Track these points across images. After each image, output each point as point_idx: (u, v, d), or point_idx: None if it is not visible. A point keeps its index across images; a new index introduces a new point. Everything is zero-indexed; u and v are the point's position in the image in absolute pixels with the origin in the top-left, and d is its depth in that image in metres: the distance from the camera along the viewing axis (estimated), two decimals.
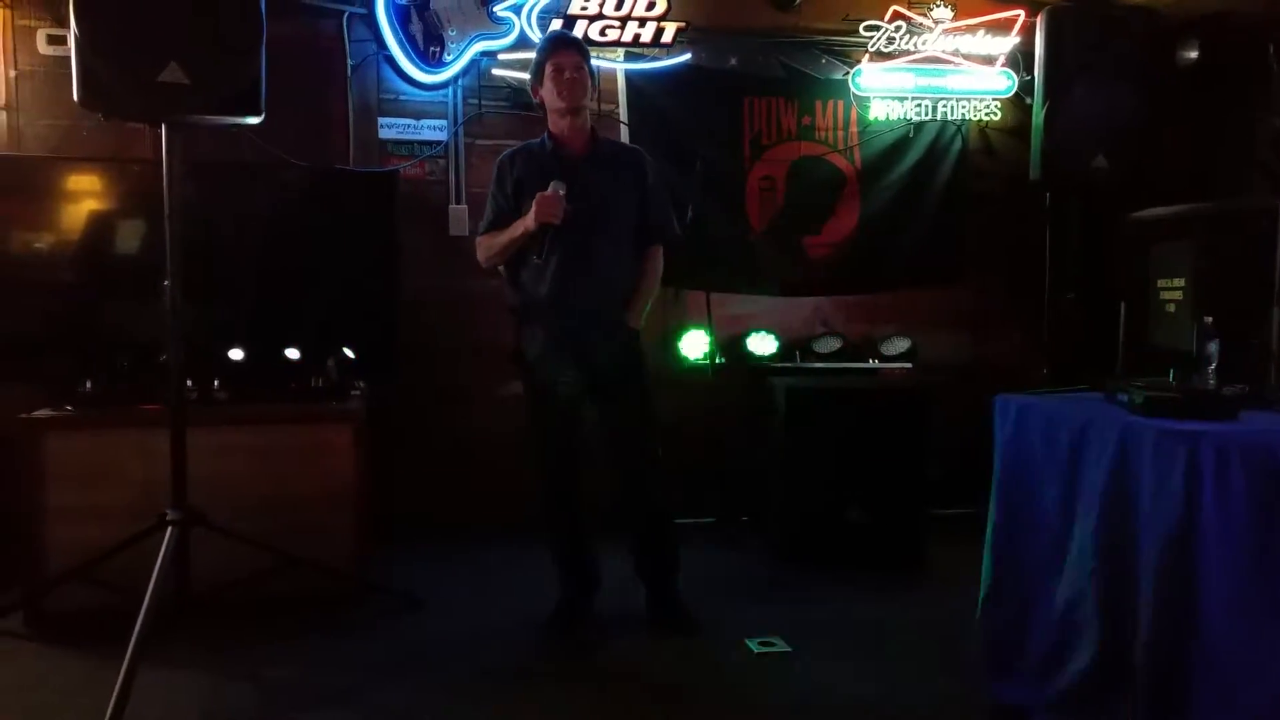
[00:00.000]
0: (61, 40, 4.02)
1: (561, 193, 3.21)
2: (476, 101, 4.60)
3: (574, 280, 3.33)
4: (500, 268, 3.51)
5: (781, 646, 3.33)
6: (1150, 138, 4.40)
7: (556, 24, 4.45)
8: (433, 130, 4.58)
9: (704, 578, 3.86)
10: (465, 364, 4.60)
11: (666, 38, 4.52)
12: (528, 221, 3.24)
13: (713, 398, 4.68)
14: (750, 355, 4.76)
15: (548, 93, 3.38)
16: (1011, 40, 4.78)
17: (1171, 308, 2.66)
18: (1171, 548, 2.17)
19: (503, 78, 4.56)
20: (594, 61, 4.43)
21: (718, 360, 4.74)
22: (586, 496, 3.53)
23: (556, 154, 3.40)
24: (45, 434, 3.50)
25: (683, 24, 4.54)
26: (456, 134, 4.59)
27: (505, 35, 4.48)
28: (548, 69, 3.36)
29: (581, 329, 3.37)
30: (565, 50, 3.39)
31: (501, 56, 4.52)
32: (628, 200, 3.45)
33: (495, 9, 4.45)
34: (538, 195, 3.22)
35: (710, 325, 4.70)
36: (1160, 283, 2.73)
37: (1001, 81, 4.82)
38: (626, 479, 3.52)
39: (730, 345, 4.78)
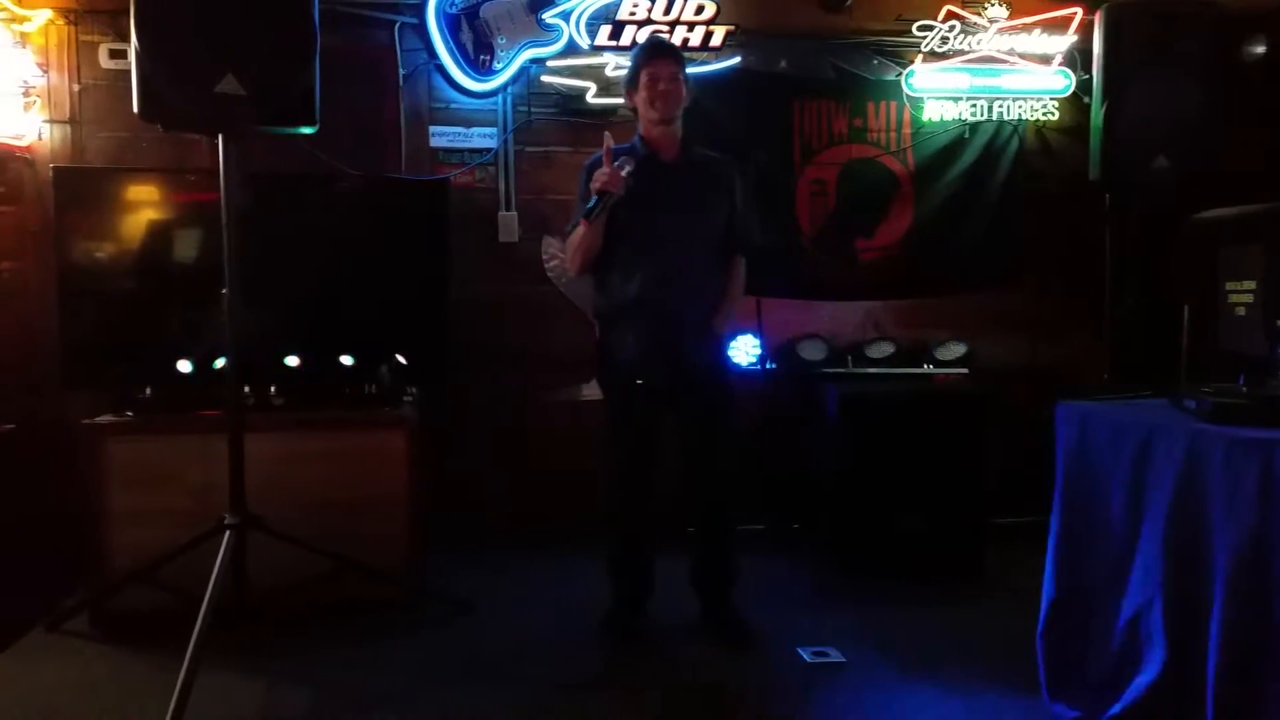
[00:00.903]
0: (122, 55, 4.08)
1: (626, 170, 3.21)
2: (526, 109, 4.61)
3: (662, 285, 3.32)
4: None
5: (835, 657, 3.30)
6: (1214, 136, 4.29)
7: (606, 30, 4.45)
8: (483, 138, 4.60)
9: (755, 585, 3.82)
10: (516, 370, 4.62)
11: (715, 41, 4.50)
12: (593, 186, 3.24)
13: (763, 404, 4.64)
14: (801, 361, 4.72)
15: (641, 101, 3.36)
16: (1068, 39, 4.70)
17: (1240, 311, 2.58)
18: (1245, 560, 2.11)
19: (552, 84, 4.57)
20: None
21: (768, 366, 4.71)
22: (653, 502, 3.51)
23: (649, 162, 3.37)
24: (107, 439, 3.56)
25: (732, 27, 4.52)
26: (506, 141, 4.61)
27: (554, 42, 4.49)
28: (642, 77, 3.33)
29: (669, 333, 3.36)
30: (661, 59, 3.35)
31: (550, 63, 4.53)
32: (717, 208, 3.43)
33: (544, 16, 4.45)
34: (600, 170, 3.23)
35: (760, 330, 4.67)
36: (1228, 285, 2.65)
37: (1059, 81, 4.74)
38: (697, 486, 3.50)
39: (781, 351, 4.74)
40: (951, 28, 4.66)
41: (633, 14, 4.46)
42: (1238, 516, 2.12)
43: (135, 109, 3.02)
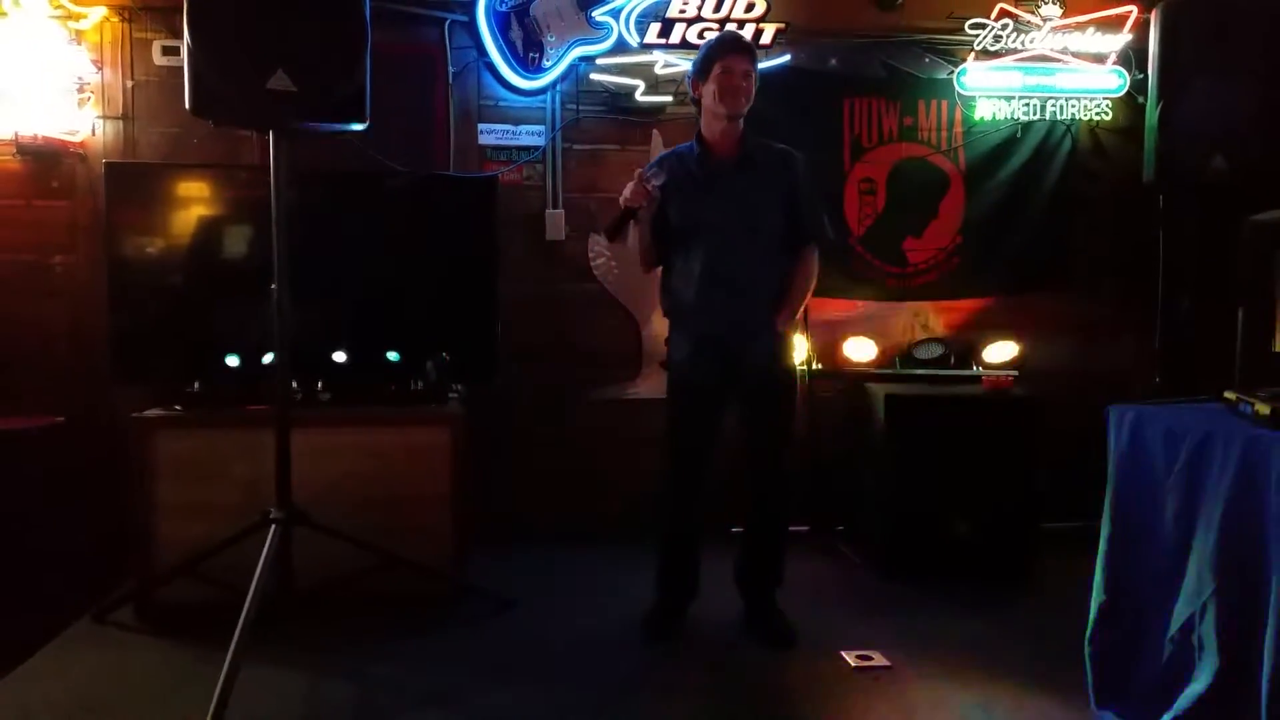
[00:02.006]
0: (175, 51, 4.15)
1: (653, 184, 3.20)
2: (574, 107, 4.61)
3: (717, 285, 3.31)
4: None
5: (880, 661, 3.26)
6: (1273, 135, 4.19)
7: (655, 28, 4.45)
8: (531, 135, 4.61)
9: (800, 587, 3.79)
10: (562, 367, 4.62)
11: (766, 39, 4.48)
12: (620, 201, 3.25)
13: (809, 404, 4.61)
14: (848, 361, 4.68)
15: (709, 94, 3.30)
16: (1123, 37, 4.62)
17: None
18: None
19: (600, 82, 4.56)
20: (690, 65, 4.46)
21: (814, 366, 4.67)
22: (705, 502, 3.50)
23: (704, 160, 3.36)
24: (155, 432, 3.61)
25: (782, 25, 4.49)
26: (554, 139, 4.61)
27: (603, 40, 4.48)
28: (716, 69, 3.27)
29: (724, 333, 3.36)
30: (738, 54, 3.29)
31: (600, 61, 4.53)
32: (774, 203, 3.38)
33: (594, 14, 4.45)
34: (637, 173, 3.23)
35: (807, 330, 4.64)
36: None
37: (1113, 80, 4.67)
38: (754, 486, 3.48)
39: (827, 351, 4.71)
40: (1004, 26, 4.60)
41: (682, 12, 4.44)
42: None
43: (187, 105, 3.05)
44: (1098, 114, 4.73)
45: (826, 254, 4.61)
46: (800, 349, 4.61)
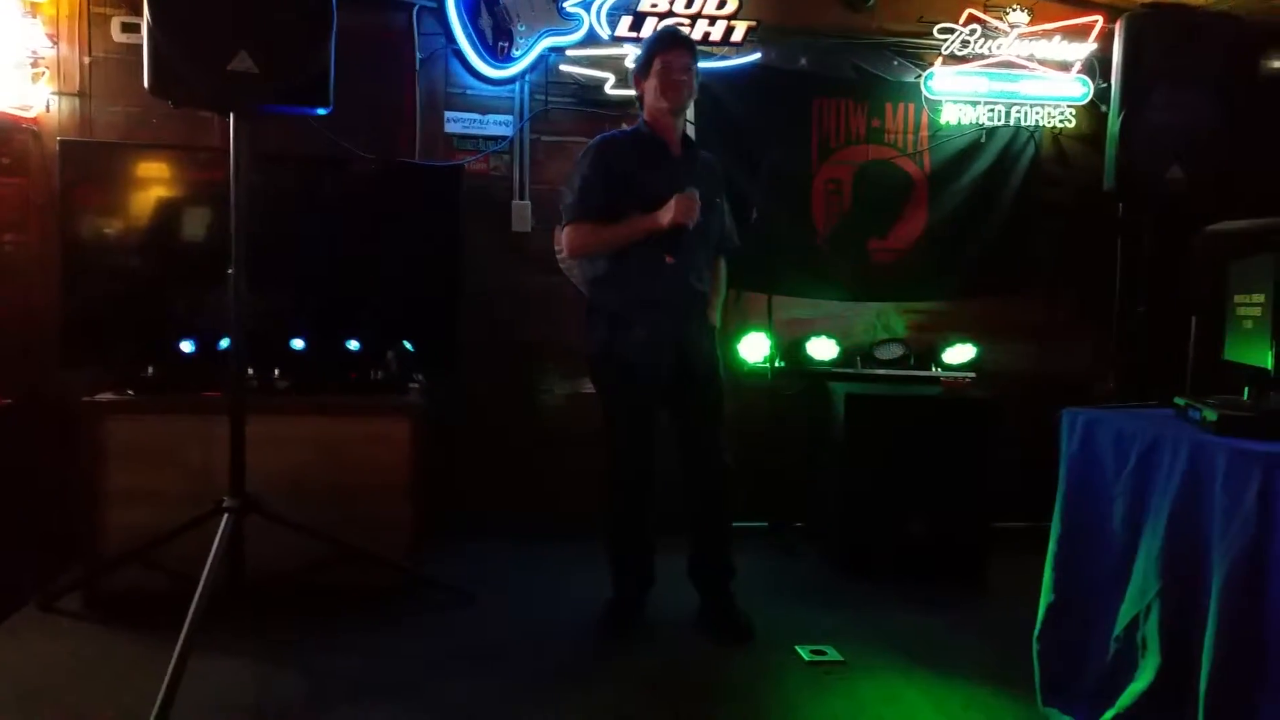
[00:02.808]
0: (135, 29, 4.08)
1: (696, 197, 3.22)
2: (543, 97, 4.59)
3: (681, 280, 3.35)
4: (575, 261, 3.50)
5: (833, 655, 3.28)
6: (1230, 148, 4.26)
7: (626, 21, 4.44)
8: (498, 125, 4.58)
9: (758, 583, 3.82)
10: (525, 360, 4.61)
11: (736, 36, 4.49)
12: (659, 219, 3.23)
13: (770, 401, 4.63)
14: (810, 360, 4.70)
15: (651, 90, 3.34)
16: (1088, 46, 4.67)
17: (1249, 324, 2.56)
18: (1242, 571, 2.09)
19: (570, 74, 4.55)
20: None
21: (777, 364, 4.69)
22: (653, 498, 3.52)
23: (659, 151, 3.38)
24: (106, 417, 3.54)
25: (753, 23, 4.50)
26: (522, 130, 4.59)
27: (574, 31, 4.47)
28: (657, 64, 3.31)
29: (677, 329, 3.39)
30: (677, 49, 3.33)
31: (570, 52, 4.52)
32: (714, 207, 3.44)
33: (564, 5, 4.44)
34: (678, 196, 3.20)
35: (771, 328, 4.65)
36: (1238, 298, 2.63)
37: (1077, 88, 4.72)
38: (695, 480, 3.50)
39: (790, 349, 4.73)
40: (972, 31, 4.64)
41: (654, 6, 4.44)
42: (1236, 528, 2.11)
43: (146, 84, 2.99)
44: (1061, 121, 4.78)
45: (793, 252, 4.69)
46: (765, 347, 4.64)
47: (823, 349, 4.70)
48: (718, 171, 3.54)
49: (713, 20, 4.46)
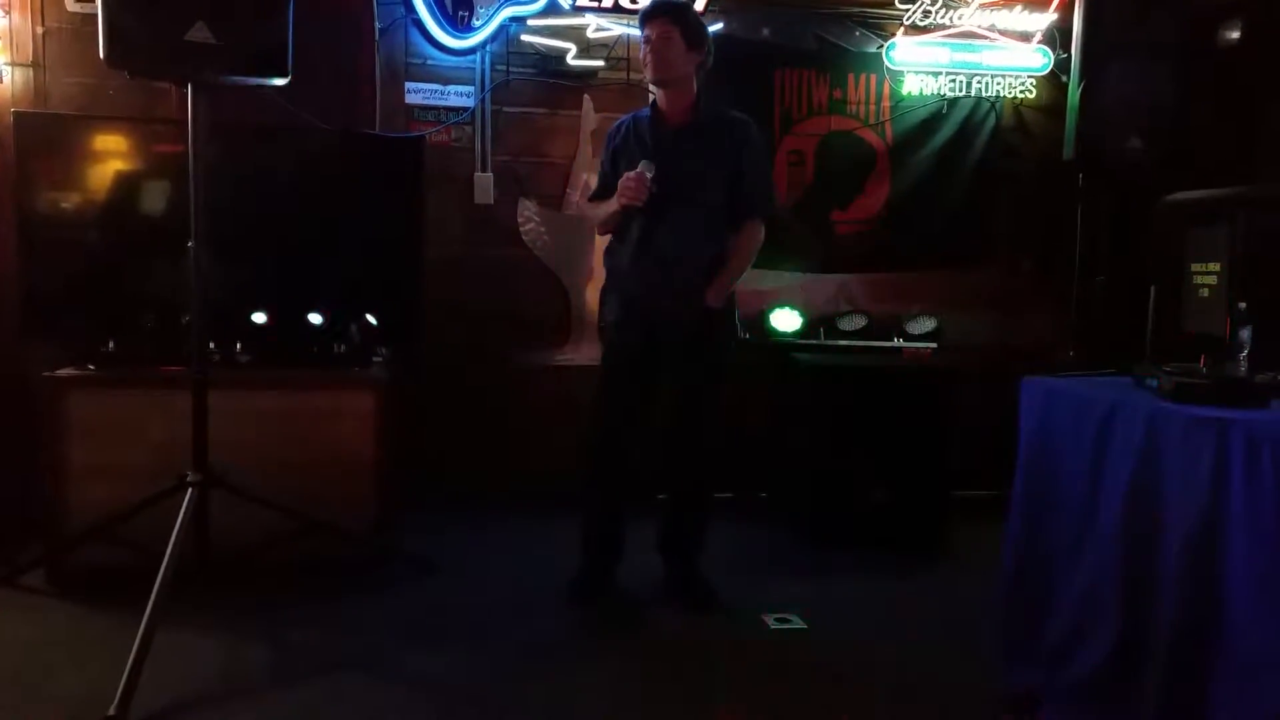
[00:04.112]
0: None
1: (649, 175, 3.22)
2: (504, 68, 4.56)
3: (647, 253, 3.34)
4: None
5: (798, 623, 3.33)
6: (1187, 119, 4.31)
7: None
8: (460, 96, 4.54)
9: (723, 552, 3.84)
10: (490, 332, 4.60)
11: (699, 6, 4.46)
12: (612, 204, 3.30)
13: (734, 373, 4.64)
14: (773, 331, 4.73)
15: (642, 65, 3.38)
16: (1049, 17, 4.70)
17: (1205, 293, 2.60)
18: (1197, 537, 2.13)
19: (531, 44, 4.52)
20: (623, 29, 4.42)
21: (742, 335, 4.69)
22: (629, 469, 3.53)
23: (654, 127, 3.39)
24: (67, 392, 3.50)
25: None
26: (484, 101, 4.56)
27: (534, 1, 4.43)
28: (641, 42, 3.35)
29: (652, 300, 3.38)
30: (651, 20, 3.32)
31: (531, 22, 4.48)
32: (716, 175, 3.38)
33: None
34: (623, 176, 3.23)
35: (734, 300, 4.65)
36: (1194, 267, 2.67)
37: (1037, 59, 4.75)
38: (677, 455, 3.52)
39: (753, 320, 4.74)
40: (934, 1, 4.65)
41: None
42: (1191, 494, 2.15)
43: (101, 54, 2.93)
44: (1022, 92, 4.81)
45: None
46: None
47: (786, 320, 4.73)
48: (735, 135, 3.41)
49: None
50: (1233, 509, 2.09)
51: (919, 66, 4.73)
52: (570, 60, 4.52)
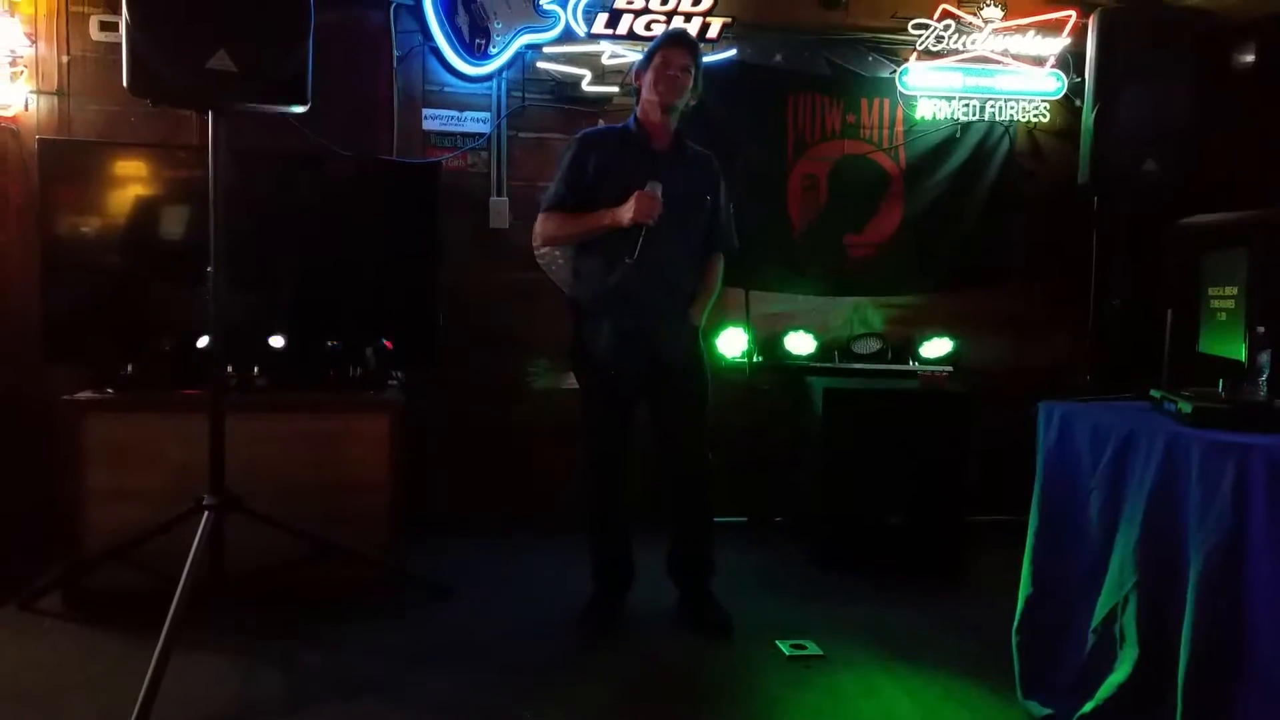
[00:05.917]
0: (113, 27, 4.07)
1: (658, 194, 3.22)
2: (520, 94, 4.59)
3: (647, 274, 3.31)
4: (554, 256, 3.50)
5: (813, 650, 3.31)
6: (1203, 143, 4.31)
7: (603, 18, 4.44)
8: (476, 122, 4.58)
9: (737, 577, 3.84)
10: (504, 356, 4.61)
11: (712, 33, 4.50)
12: (619, 216, 3.25)
13: (749, 396, 4.65)
14: (788, 355, 4.73)
15: (647, 84, 3.38)
16: (1062, 41, 4.71)
17: (1222, 316, 2.60)
18: (1218, 562, 2.12)
19: (547, 71, 4.55)
20: (637, 57, 4.44)
21: (755, 359, 4.71)
22: (629, 493, 3.52)
23: (648, 147, 3.40)
24: (86, 415, 3.52)
25: (728, 19, 4.51)
26: (499, 126, 4.59)
27: (550, 28, 4.47)
28: (656, 59, 3.36)
29: (651, 324, 3.39)
30: (679, 47, 3.37)
31: (546, 49, 4.51)
32: (701, 204, 3.45)
33: (541, 2, 4.44)
34: (638, 193, 3.22)
35: (749, 323, 4.67)
36: (1211, 290, 2.66)
37: (1051, 83, 4.75)
38: (674, 476, 3.52)
39: (768, 344, 4.75)
40: (947, 27, 4.66)
41: (630, 2, 4.44)
42: (1212, 519, 2.14)
43: (125, 83, 2.98)
44: (1035, 116, 4.81)
45: (770, 247, 4.71)
46: (743, 342, 4.66)
47: (800, 343, 4.73)
48: (712, 169, 3.52)
49: (688, 17, 4.47)
50: (1254, 534, 2.08)
51: (932, 91, 4.74)
52: (585, 87, 4.55)
